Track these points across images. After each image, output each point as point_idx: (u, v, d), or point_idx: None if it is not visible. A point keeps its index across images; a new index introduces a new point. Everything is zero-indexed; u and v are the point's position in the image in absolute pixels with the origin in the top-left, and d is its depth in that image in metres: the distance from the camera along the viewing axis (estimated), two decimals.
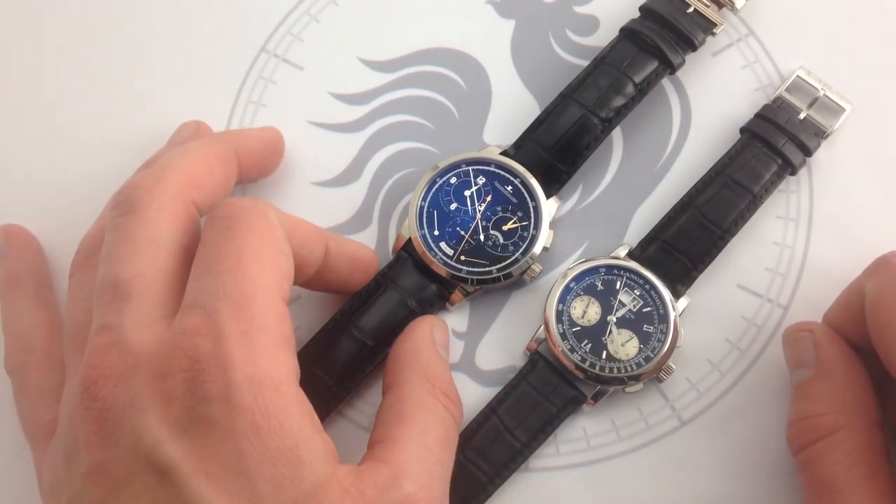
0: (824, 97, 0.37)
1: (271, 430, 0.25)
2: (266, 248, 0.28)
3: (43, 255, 0.37)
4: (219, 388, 0.25)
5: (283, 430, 0.25)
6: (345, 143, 0.39)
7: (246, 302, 0.26)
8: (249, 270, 0.27)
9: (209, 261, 0.27)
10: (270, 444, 0.25)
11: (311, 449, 0.26)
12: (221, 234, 0.28)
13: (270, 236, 0.28)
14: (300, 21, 0.41)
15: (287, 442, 0.25)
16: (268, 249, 0.28)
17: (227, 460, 0.25)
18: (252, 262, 0.27)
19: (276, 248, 0.28)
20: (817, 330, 0.32)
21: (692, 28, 0.37)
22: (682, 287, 0.35)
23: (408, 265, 0.35)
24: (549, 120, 0.36)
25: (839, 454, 0.29)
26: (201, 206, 0.31)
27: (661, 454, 0.34)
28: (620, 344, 0.33)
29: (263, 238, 0.28)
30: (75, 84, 0.40)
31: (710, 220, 0.35)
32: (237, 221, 0.28)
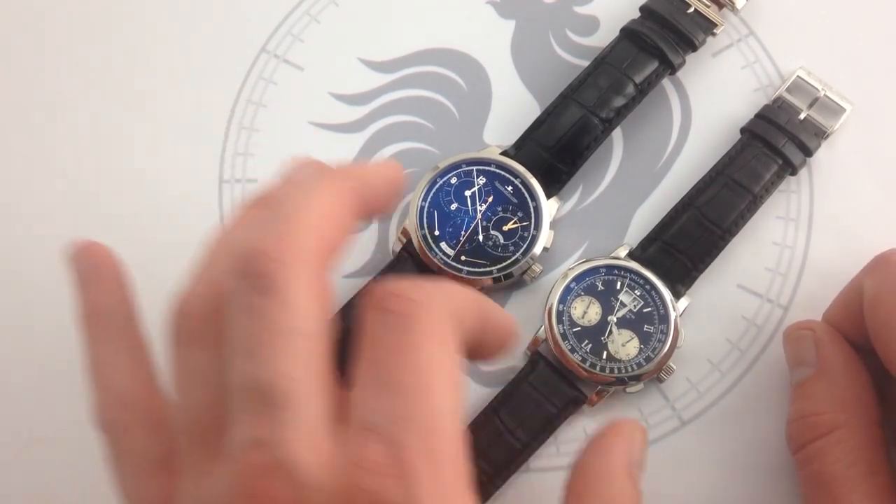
0: (825, 97, 0.37)
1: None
2: (447, 361, 0.24)
3: (130, 283, 0.31)
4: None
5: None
6: (345, 144, 0.39)
7: (435, 436, 0.22)
8: (433, 392, 0.23)
9: (385, 370, 0.23)
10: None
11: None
12: (396, 335, 0.23)
13: (450, 345, 0.24)
14: (300, 21, 0.41)
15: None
16: (448, 363, 0.24)
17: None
18: (435, 380, 0.23)
19: (455, 360, 0.25)
20: (818, 328, 0.32)
21: (692, 28, 0.37)
22: (683, 287, 0.35)
23: (408, 265, 0.35)
24: (549, 120, 0.36)
25: (839, 452, 0.29)
26: (330, 269, 0.26)
27: (662, 454, 0.34)
28: (621, 344, 0.33)
29: (444, 348, 0.24)
30: (75, 84, 0.40)
31: (710, 221, 0.35)
32: (414, 322, 0.23)
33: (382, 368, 0.23)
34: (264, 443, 0.22)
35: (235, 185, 0.38)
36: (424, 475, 0.22)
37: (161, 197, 0.38)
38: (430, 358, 0.23)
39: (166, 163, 0.39)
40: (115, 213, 0.38)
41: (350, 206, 0.27)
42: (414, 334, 0.23)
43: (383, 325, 0.24)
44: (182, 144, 0.39)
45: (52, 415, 0.36)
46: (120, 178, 0.39)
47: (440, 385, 0.23)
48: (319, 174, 0.27)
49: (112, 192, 0.38)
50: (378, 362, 0.23)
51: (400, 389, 0.23)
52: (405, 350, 0.23)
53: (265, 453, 0.22)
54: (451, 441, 0.23)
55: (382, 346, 0.23)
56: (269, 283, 0.23)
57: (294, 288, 0.23)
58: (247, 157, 0.39)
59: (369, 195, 0.28)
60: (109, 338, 0.29)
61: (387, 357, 0.23)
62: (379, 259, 0.37)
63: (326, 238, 0.25)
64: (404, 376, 0.23)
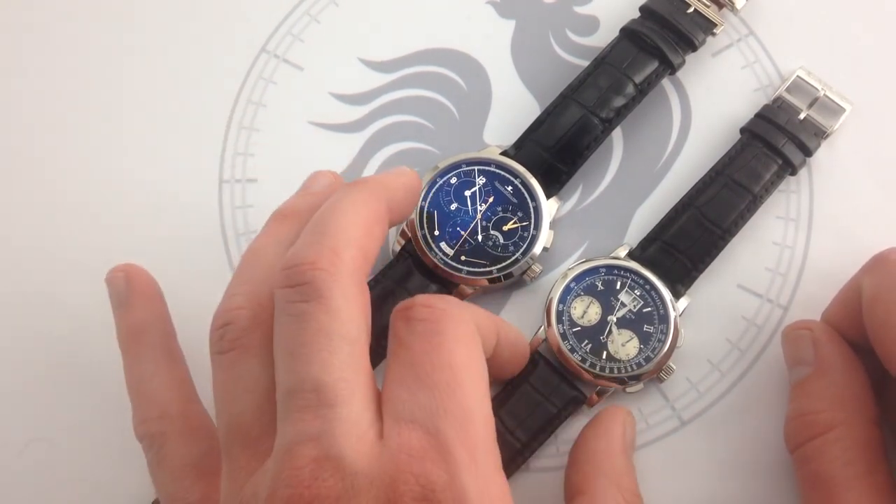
0: (824, 97, 0.37)
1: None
2: (473, 358, 0.26)
3: (164, 300, 0.33)
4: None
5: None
6: (345, 144, 0.39)
7: (469, 423, 0.25)
8: (464, 385, 0.25)
9: (419, 370, 0.25)
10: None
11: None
12: (427, 340, 0.26)
13: (475, 345, 0.27)
14: (300, 21, 0.41)
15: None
16: (475, 360, 0.26)
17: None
18: (464, 375, 0.25)
19: (481, 358, 0.27)
20: (816, 328, 0.32)
21: (692, 28, 0.37)
22: (683, 287, 0.35)
23: (408, 265, 0.35)
24: (549, 120, 0.36)
25: (836, 451, 0.29)
26: (367, 276, 0.28)
27: (662, 454, 0.34)
28: (621, 344, 0.33)
29: (470, 348, 0.26)
30: (75, 84, 0.40)
31: (710, 221, 0.35)
32: (442, 327, 0.26)
33: (417, 369, 0.25)
34: (314, 437, 0.24)
35: (235, 185, 0.38)
36: (464, 458, 0.24)
37: (161, 197, 0.38)
38: (458, 356, 0.25)
39: (166, 163, 0.39)
40: (116, 213, 0.38)
41: (382, 217, 0.29)
42: (442, 337, 0.26)
43: (413, 331, 0.26)
44: (182, 144, 0.39)
45: (52, 415, 0.36)
46: (120, 177, 0.39)
47: (470, 379, 0.25)
48: (352, 187, 0.29)
49: (112, 191, 0.38)
50: (411, 364, 0.25)
51: (435, 385, 0.25)
52: (436, 351, 0.25)
53: (315, 447, 0.24)
54: (483, 427, 0.25)
55: (414, 350, 0.26)
56: (316, 290, 0.25)
57: (338, 295, 0.26)
58: (247, 157, 0.39)
59: (395, 204, 0.30)
60: (148, 354, 0.31)
61: (420, 359, 0.25)
62: (379, 259, 0.37)
63: (363, 247, 0.27)
64: (437, 374, 0.25)
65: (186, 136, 0.39)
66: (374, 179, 0.30)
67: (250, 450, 0.26)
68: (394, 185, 0.31)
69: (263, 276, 0.28)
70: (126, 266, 0.33)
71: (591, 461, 0.30)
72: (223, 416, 0.27)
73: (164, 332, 0.32)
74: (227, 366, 0.27)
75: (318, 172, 0.34)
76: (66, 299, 0.36)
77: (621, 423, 0.32)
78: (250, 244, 0.30)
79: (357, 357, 0.25)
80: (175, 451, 0.30)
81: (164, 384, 0.31)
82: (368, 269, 0.28)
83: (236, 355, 0.27)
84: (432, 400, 0.24)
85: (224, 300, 0.28)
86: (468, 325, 0.27)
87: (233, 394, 0.27)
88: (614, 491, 0.29)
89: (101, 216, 0.38)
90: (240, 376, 0.27)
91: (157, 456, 0.30)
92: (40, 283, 0.37)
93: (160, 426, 0.30)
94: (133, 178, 0.39)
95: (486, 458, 0.25)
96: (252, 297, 0.28)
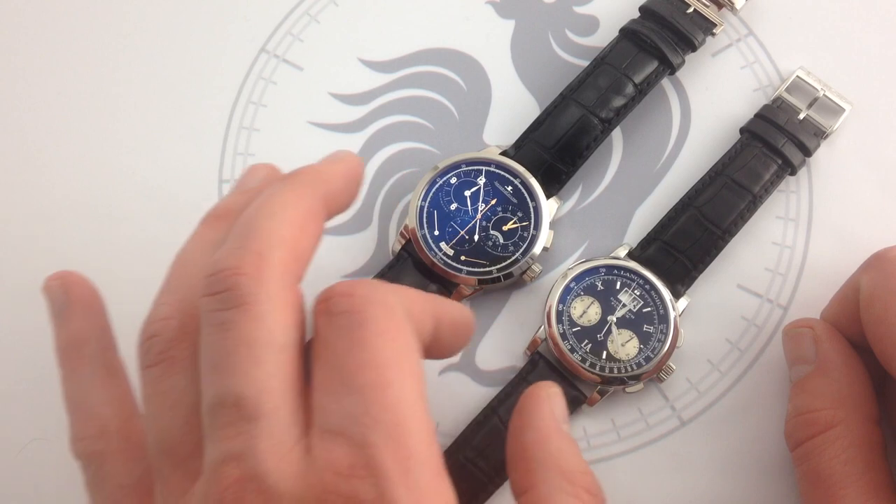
0: (824, 97, 0.37)
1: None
2: (402, 351, 0.24)
3: (106, 310, 0.31)
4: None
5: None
6: (345, 144, 0.39)
7: (400, 430, 0.23)
8: (393, 386, 0.23)
9: (342, 372, 0.23)
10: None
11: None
12: (349, 335, 0.24)
13: (404, 336, 0.24)
14: (300, 21, 0.41)
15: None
16: (405, 353, 0.24)
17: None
18: (393, 373, 0.23)
19: (412, 350, 0.24)
20: (817, 326, 0.32)
21: (692, 28, 0.37)
22: (682, 287, 0.35)
23: (408, 265, 0.35)
24: (549, 120, 0.36)
25: (836, 449, 0.29)
26: (300, 278, 0.26)
27: (662, 454, 0.34)
28: (620, 344, 0.33)
29: (397, 340, 0.24)
30: (75, 85, 0.40)
31: (709, 221, 0.35)
32: (365, 319, 0.24)
33: (341, 371, 0.23)
34: (236, 456, 0.22)
35: None
36: (395, 471, 0.22)
37: (161, 197, 0.38)
38: (384, 352, 0.23)
39: (166, 163, 0.39)
40: (115, 213, 0.38)
41: (315, 211, 0.27)
42: (364, 330, 0.23)
43: (333, 326, 0.24)
44: (182, 144, 0.39)
45: (52, 415, 0.36)
46: (120, 177, 0.39)
47: (398, 377, 0.23)
48: (282, 183, 0.27)
49: (112, 192, 0.38)
50: (335, 366, 0.23)
51: (358, 388, 0.23)
52: (359, 348, 0.23)
53: (238, 467, 0.22)
54: (417, 432, 0.23)
55: (337, 349, 0.23)
56: (239, 297, 0.24)
57: (264, 300, 0.24)
58: (247, 157, 0.39)
59: (331, 195, 0.28)
60: (85, 367, 0.29)
61: (342, 358, 0.23)
62: (379, 259, 0.37)
63: (294, 247, 0.25)
64: (362, 375, 0.23)
65: (186, 136, 0.39)
66: (307, 171, 0.28)
67: (181, 469, 0.24)
68: (331, 174, 0.28)
69: (192, 283, 0.26)
70: (63, 273, 0.31)
71: (525, 455, 0.28)
72: (151, 434, 0.25)
73: (104, 345, 0.30)
74: (155, 380, 0.25)
75: (254, 166, 0.32)
76: None
77: (546, 401, 0.29)
78: (179, 250, 0.28)
79: (285, 365, 0.24)
80: (113, 470, 0.28)
81: (103, 400, 0.29)
82: (302, 269, 0.26)
83: (163, 369, 0.25)
84: (359, 406, 0.23)
85: (151, 311, 0.26)
86: (395, 313, 0.24)
87: (160, 410, 0.25)
88: (559, 480, 0.27)
89: (101, 216, 0.38)
90: (167, 391, 0.25)
91: (94, 476, 0.28)
92: (40, 284, 0.37)
93: (98, 445, 0.28)
94: (133, 178, 0.39)
95: (420, 468, 0.23)
96: (179, 307, 0.26)
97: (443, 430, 0.35)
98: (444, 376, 0.35)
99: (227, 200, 0.29)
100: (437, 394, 0.35)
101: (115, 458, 0.28)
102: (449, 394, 0.35)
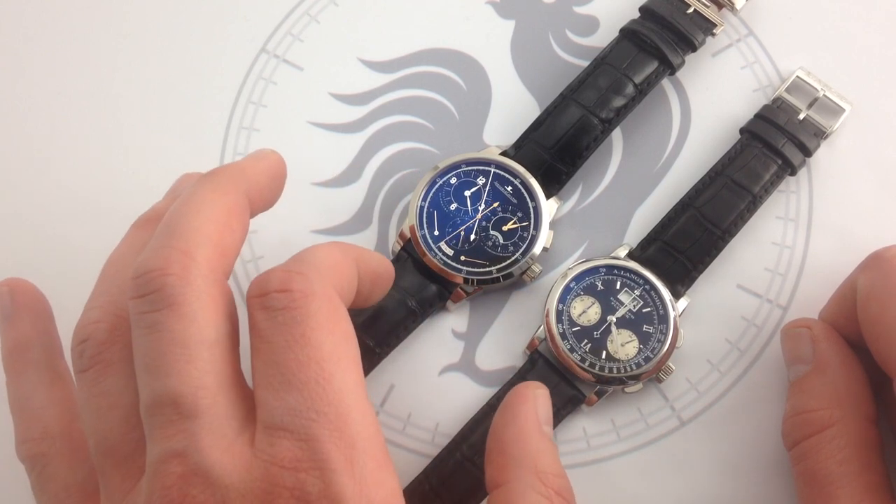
0: (824, 97, 0.37)
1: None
2: (341, 342, 0.25)
3: (52, 316, 0.32)
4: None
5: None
6: (345, 144, 0.39)
7: (343, 422, 0.23)
8: (335, 379, 0.24)
9: (283, 368, 0.24)
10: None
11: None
12: (288, 331, 0.24)
13: (341, 325, 0.25)
14: (300, 21, 0.41)
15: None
16: (343, 343, 0.25)
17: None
18: (334, 366, 0.24)
19: (348, 336, 0.25)
20: (815, 326, 0.32)
21: (692, 29, 0.37)
22: (682, 287, 0.35)
23: (408, 265, 0.35)
24: (549, 120, 0.36)
25: (832, 449, 0.29)
26: (227, 274, 0.27)
27: (661, 454, 0.34)
28: (620, 344, 0.33)
29: (335, 332, 0.25)
30: (74, 85, 0.40)
31: (709, 221, 0.35)
32: (303, 315, 0.24)
33: (282, 367, 0.24)
34: (179, 453, 0.23)
35: None
36: (341, 462, 0.23)
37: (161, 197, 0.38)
38: (325, 347, 0.24)
39: (166, 163, 0.39)
40: (115, 213, 0.38)
41: (237, 207, 0.27)
42: (305, 326, 0.24)
43: (272, 322, 0.24)
44: (182, 144, 0.39)
45: None
46: (120, 178, 0.39)
47: (339, 369, 0.24)
48: (202, 180, 0.27)
49: (112, 192, 0.38)
50: (276, 363, 0.24)
51: (300, 385, 0.23)
52: (299, 344, 0.24)
53: (181, 463, 0.23)
54: (361, 422, 0.24)
55: (276, 345, 0.24)
56: (166, 297, 0.24)
57: (192, 299, 0.24)
58: None
59: (255, 192, 0.28)
60: (29, 371, 0.30)
61: (285, 355, 0.24)
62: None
63: (219, 243, 0.26)
64: (303, 371, 0.23)
65: (186, 136, 0.39)
66: (229, 168, 0.28)
67: (123, 469, 0.25)
68: (253, 171, 0.29)
69: (121, 285, 0.27)
70: (11, 280, 0.32)
71: (503, 451, 0.28)
72: (91, 436, 0.26)
73: (49, 349, 0.31)
74: (90, 383, 0.26)
75: (186, 174, 0.32)
76: (66, 300, 0.36)
77: (531, 401, 0.29)
78: (110, 254, 0.29)
79: (218, 361, 0.24)
80: (57, 472, 0.28)
81: (46, 403, 0.30)
82: (228, 266, 0.26)
83: (97, 371, 0.26)
84: (302, 401, 0.23)
85: (82, 315, 0.27)
86: (330, 300, 0.25)
87: (98, 412, 0.25)
88: (532, 479, 0.27)
89: (101, 216, 0.38)
90: (102, 393, 0.25)
91: (39, 478, 0.29)
92: (40, 284, 0.37)
93: (41, 447, 0.29)
94: (133, 179, 0.39)
95: (364, 457, 0.23)
96: (109, 310, 0.27)
97: (442, 430, 0.35)
98: (443, 376, 0.35)
99: (157, 205, 0.30)
100: (437, 393, 0.35)
101: (58, 459, 0.28)
102: (448, 394, 0.35)
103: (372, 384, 0.35)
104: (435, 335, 0.36)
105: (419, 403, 0.35)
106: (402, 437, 0.35)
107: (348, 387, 0.24)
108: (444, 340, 0.36)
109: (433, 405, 0.35)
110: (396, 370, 0.35)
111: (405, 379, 0.35)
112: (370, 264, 0.29)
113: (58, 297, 0.36)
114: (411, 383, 0.35)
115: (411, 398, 0.35)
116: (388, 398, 0.35)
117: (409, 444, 0.35)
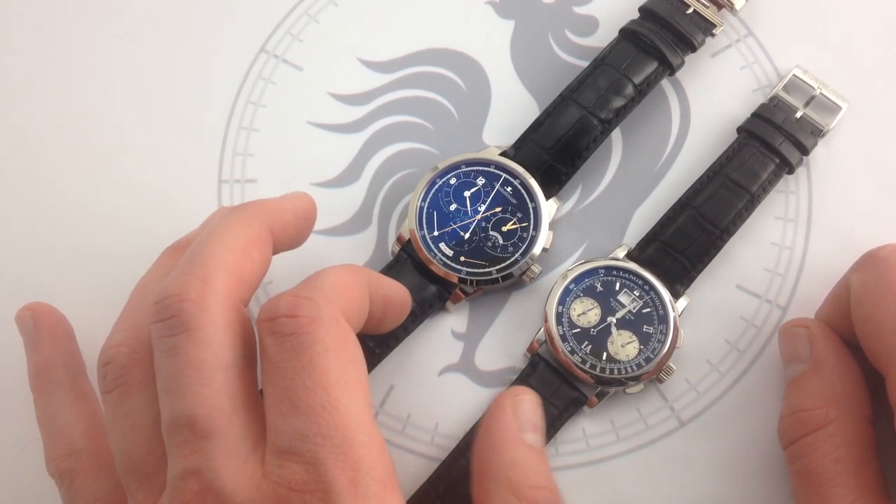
0: (820, 95, 0.37)
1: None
2: (348, 366, 0.25)
3: (74, 337, 0.34)
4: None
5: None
6: (344, 144, 0.39)
7: (348, 445, 0.24)
8: (341, 404, 0.25)
9: (292, 394, 0.25)
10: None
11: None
12: (296, 358, 0.25)
13: (348, 349, 0.26)
14: (300, 21, 0.41)
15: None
16: (350, 368, 0.25)
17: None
18: (340, 391, 0.25)
19: (356, 360, 0.26)
20: (813, 326, 0.32)
21: (691, 29, 0.37)
22: (682, 287, 0.35)
23: (407, 266, 0.35)
24: (548, 121, 0.36)
25: (827, 448, 0.29)
26: (246, 301, 0.28)
27: (661, 454, 0.34)
28: (620, 345, 0.34)
29: (342, 357, 0.25)
30: (74, 85, 0.40)
31: (708, 220, 0.35)
32: (310, 341, 0.25)
33: (290, 393, 0.25)
34: (195, 471, 0.24)
35: (235, 186, 0.38)
36: (343, 485, 0.24)
37: (161, 197, 0.38)
38: (331, 373, 0.25)
39: (166, 163, 0.39)
40: (115, 213, 0.38)
41: (262, 239, 0.28)
42: (310, 352, 0.25)
43: (280, 348, 0.25)
44: (181, 144, 0.39)
45: None
46: (119, 178, 0.39)
47: (346, 393, 0.25)
48: (229, 213, 0.29)
49: (111, 192, 0.38)
50: (284, 388, 0.25)
51: (307, 410, 0.24)
52: (307, 370, 0.25)
53: (197, 480, 0.24)
54: (366, 444, 0.24)
55: (285, 371, 0.25)
56: (184, 322, 0.25)
57: (208, 324, 0.25)
58: (246, 157, 0.39)
59: (279, 226, 0.30)
60: (56, 391, 0.32)
61: (293, 381, 0.25)
62: (378, 259, 0.37)
63: (238, 272, 0.27)
64: (311, 397, 0.24)
65: (186, 136, 0.39)
66: (257, 203, 0.30)
67: (146, 485, 0.26)
68: (280, 207, 0.30)
69: (145, 310, 0.28)
70: (33, 305, 0.34)
71: (480, 470, 0.28)
72: (117, 454, 0.27)
73: (72, 370, 0.33)
74: (114, 404, 0.27)
75: (221, 208, 0.34)
76: (66, 300, 0.36)
77: (507, 409, 0.28)
78: (139, 279, 0.30)
79: (233, 384, 0.25)
80: (85, 486, 0.30)
81: (72, 420, 0.31)
82: (247, 293, 0.28)
83: (120, 393, 0.27)
84: (309, 426, 0.24)
85: (107, 338, 0.28)
86: (338, 325, 0.26)
87: (122, 431, 0.27)
88: (505, 493, 0.27)
89: (101, 217, 0.38)
90: (126, 413, 0.27)
91: (68, 492, 0.30)
92: (40, 284, 0.37)
93: (69, 463, 0.30)
94: (132, 179, 0.39)
95: (368, 479, 0.24)
96: (132, 334, 0.28)
97: (442, 431, 0.35)
98: (443, 377, 0.35)
99: (188, 234, 0.32)
100: (437, 394, 0.35)
101: (85, 474, 0.30)
102: (448, 394, 0.35)
103: (372, 384, 0.35)
104: (434, 336, 0.36)
105: (418, 404, 0.35)
106: (401, 438, 0.35)
107: (355, 410, 0.25)
108: (444, 341, 0.36)
109: (432, 406, 0.35)
110: (396, 370, 0.35)
111: (405, 379, 0.35)
112: (382, 289, 0.30)
113: (58, 297, 0.36)
114: (411, 384, 0.35)
115: (411, 399, 0.35)
116: (387, 398, 0.35)
117: (409, 444, 0.35)
